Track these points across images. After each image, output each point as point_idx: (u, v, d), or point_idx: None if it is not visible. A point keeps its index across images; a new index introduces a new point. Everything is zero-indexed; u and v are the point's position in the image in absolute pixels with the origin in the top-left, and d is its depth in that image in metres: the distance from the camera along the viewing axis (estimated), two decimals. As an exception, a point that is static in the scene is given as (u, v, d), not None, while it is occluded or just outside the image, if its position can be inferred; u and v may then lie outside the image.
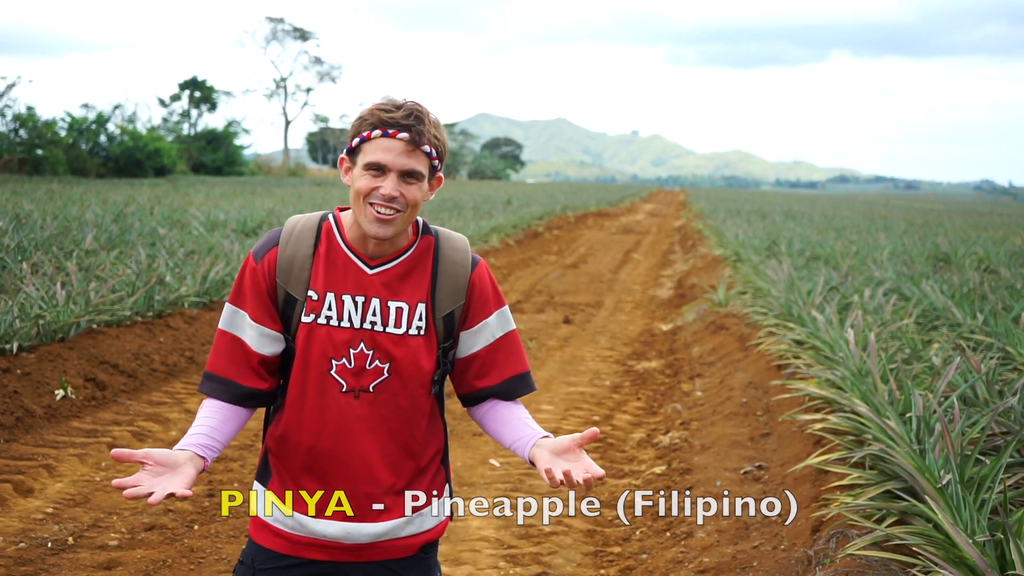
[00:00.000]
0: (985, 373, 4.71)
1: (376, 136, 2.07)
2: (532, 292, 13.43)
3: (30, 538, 4.30)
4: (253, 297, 2.16)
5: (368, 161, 2.08)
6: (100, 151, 46.27)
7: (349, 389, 2.13)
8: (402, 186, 2.08)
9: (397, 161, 2.07)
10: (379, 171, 2.08)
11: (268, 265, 2.17)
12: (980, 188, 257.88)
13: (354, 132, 2.13)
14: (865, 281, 9.61)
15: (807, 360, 6.13)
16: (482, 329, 2.24)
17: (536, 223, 24.48)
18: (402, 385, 2.16)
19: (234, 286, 2.20)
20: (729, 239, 17.15)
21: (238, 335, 2.17)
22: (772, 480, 4.91)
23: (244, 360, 2.16)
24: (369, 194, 2.08)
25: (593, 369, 8.55)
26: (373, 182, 2.08)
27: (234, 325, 2.18)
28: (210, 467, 5.40)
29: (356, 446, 2.15)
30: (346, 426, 2.14)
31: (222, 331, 2.18)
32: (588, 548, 4.53)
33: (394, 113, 2.07)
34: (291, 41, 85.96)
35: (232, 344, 2.17)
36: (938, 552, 3.03)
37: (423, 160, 2.10)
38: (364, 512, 2.17)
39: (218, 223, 15.67)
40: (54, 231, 11.91)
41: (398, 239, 2.18)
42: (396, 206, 2.08)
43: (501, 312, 2.27)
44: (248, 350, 2.16)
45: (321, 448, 2.15)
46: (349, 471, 2.15)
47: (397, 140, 2.07)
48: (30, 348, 6.64)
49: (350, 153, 2.15)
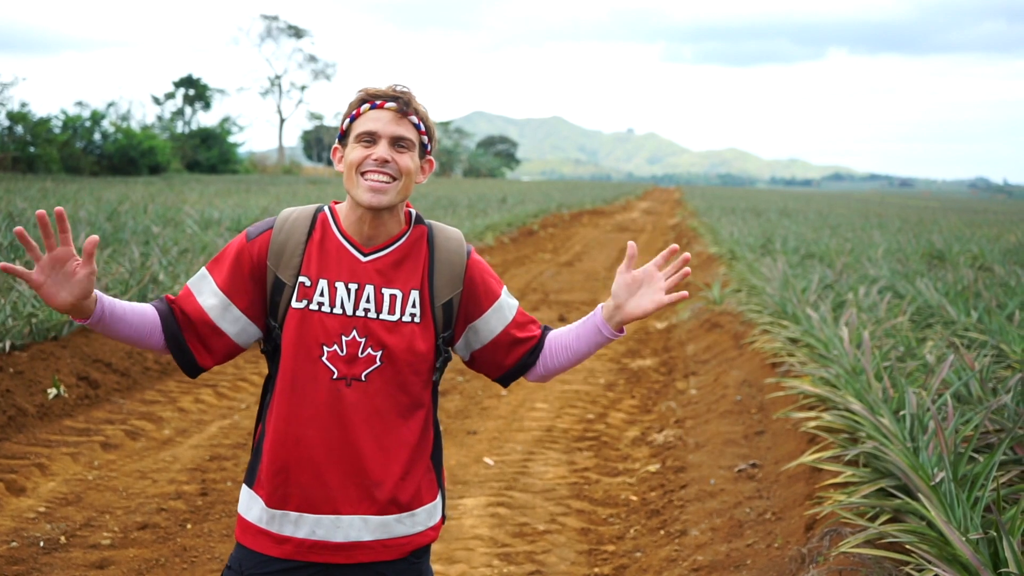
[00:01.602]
0: (979, 371, 4.71)
1: (365, 110, 2.15)
2: (527, 290, 13.43)
3: (22, 537, 4.29)
4: (231, 270, 2.17)
5: (359, 132, 2.14)
6: (94, 149, 46.16)
7: (340, 376, 2.13)
8: (394, 152, 2.13)
9: (387, 128, 2.13)
10: (370, 140, 2.14)
11: (259, 246, 2.18)
12: (975, 186, 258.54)
13: (342, 118, 2.20)
14: (859, 279, 9.62)
15: (801, 358, 6.14)
16: (497, 310, 2.28)
17: (531, 221, 24.48)
18: (395, 374, 2.16)
19: (217, 255, 2.21)
20: (724, 237, 17.17)
21: (196, 296, 2.17)
22: (766, 478, 4.91)
23: (192, 316, 2.15)
24: (361, 163, 2.13)
25: (587, 367, 8.55)
26: (365, 151, 2.13)
27: (197, 288, 2.18)
28: (204, 466, 5.40)
29: (347, 436, 2.13)
30: (337, 415, 2.13)
31: (187, 287, 2.19)
32: (582, 546, 4.52)
33: (377, 89, 2.17)
34: (286, 39, 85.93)
35: (187, 297, 2.18)
36: (931, 550, 3.03)
37: (411, 129, 2.16)
38: (354, 506, 2.15)
39: (212, 221, 15.64)
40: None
41: (391, 226, 2.20)
42: (389, 171, 2.12)
43: (505, 291, 2.33)
44: (197, 307, 2.15)
45: (311, 438, 2.13)
46: (340, 463, 2.14)
47: (385, 109, 2.14)
48: (23, 347, 6.62)
49: (341, 140, 2.20)
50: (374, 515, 2.16)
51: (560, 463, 5.74)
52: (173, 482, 5.14)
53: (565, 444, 6.15)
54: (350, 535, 2.16)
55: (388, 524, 2.18)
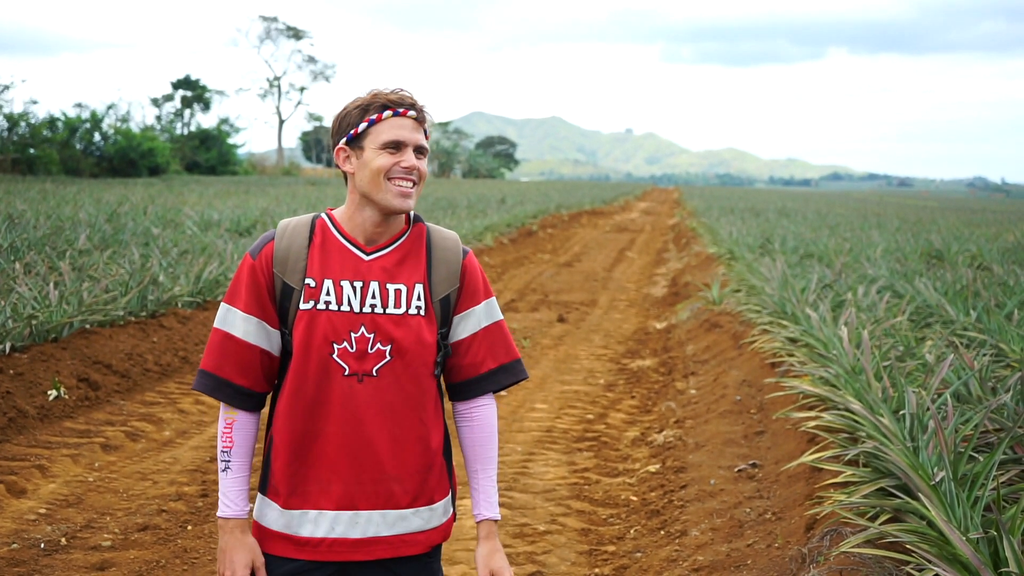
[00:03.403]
0: (978, 370, 4.72)
1: (387, 116, 2.18)
2: (526, 291, 13.43)
3: (23, 539, 4.29)
4: (248, 292, 2.21)
5: (386, 140, 2.18)
6: (94, 150, 46.16)
7: (352, 373, 2.17)
8: (417, 160, 2.21)
9: (412, 137, 2.20)
10: (396, 148, 2.18)
11: (265, 259, 2.22)
12: (973, 185, 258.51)
13: (356, 120, 2.20)
14: (858, 279, 9.62)
15: (801, 358, 6.14)
16: (469, 316, 2.30)
17: (530, 222, 24.48)
18: (405, 367, 2.19)
19: (230, 285, 2.25)
20: (723, 237, 17.17)
21: (229, 331, 2.21)
22: (766, 478, 4.91)
23: (236, 357, 2.20)
24: (390, 169, 2.17)
25: (587, 367, 8.55)
26: (393, 158, 2.18)
27: (226, 322, 2.23)
28: (205, 468, 5.40)
29: (362, 432, 2.17)
30: (351, 411, 2.16)
31: (215, 329, 2.24)
32: (582, 547, 4.53)
33: (394, 95, 2.21)
34: (285, 40, 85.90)
35: (224, 341, 2.22)
36: (932, 549, 3.04)
37: (425, 138, 2.25)
38: (371, 501, 2.18)
39: (212, 223, 15.64)
40: (47, 231, 11.88)
41: (395, 226, 2.25)
42: (413, 178, 2.20)
43: (488, 303, 2.33)
44: (240, 344, 2.20)
45: (327, 435, 2.17)
46: (356, 458, 2.17)
47: (407, 118, 2.20)
48: (23, 348, 6.62)
49: (352, 141, 2.21)
50: (391, 509, 2.20)
51: (560, 464, 5.75)
52: (173, 483, 5.14)
53: (565, 445, 6.15)
54: (368, 531, 2.19)
55: (406, 518, 2.22)
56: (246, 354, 2.20)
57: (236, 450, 2.22)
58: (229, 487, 2.21)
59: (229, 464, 2.22)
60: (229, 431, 2.23)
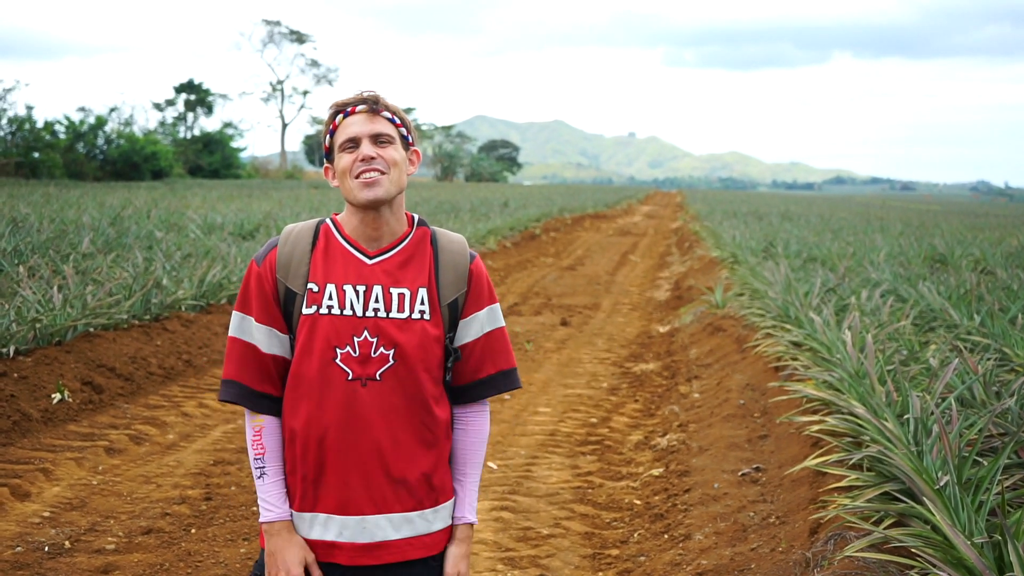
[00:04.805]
0: (982, 374, 4.71)
1: (340, 120, 2.25)
2: (529, 294, 13.43)
3: (27, 542, 4.29)
4: (258, 300, 2.23)
5: (342, 141, 2.23)
6: (97, 154, 46.20)
7: (355, 377, 2.17)
8: (377, 148, 2.21)
9: (364, 128, 2.22)
10: (353, 144, 2.22)
11: (269, 265, 2.24)
12: (976, 189, 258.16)
13: (324, 136, 2.30)
14: (862, 282, 9.62)
15: (804, 362, 6.13)
16: (473, 321, 2.31)
17: (533, 225, 24.50)
18: (408, 372, 2.19)
19: (240, 293, 2.28)
20: (726, 241, 17.16)
21: (248, 340, 2.24)
22: (770, 482, 4.91)
23: (256, 364, 2.23)
24: (351, 167, 2.20)
25: (590, 371, 8.55)
26: (351, 155, 2.21)
27: (243, 331, 2.25)
28: (208, 471, 5.40)
29: (367, 435, 2.17)
30: (356, 415, 2.17)
31: (233, 338, 2.26)
32: (586, 551, 4.52)
33: (348, 98, 2.27)
34: (288, 44, 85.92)
35: (244, 349, 2.24)
36: (936, 554, 3.03)
37: (387, 125, 2.24)
38: (377, 505, 2.19)
39: (215, 226, 15.65)
40: (51, 234, 11.90)
41: (393, 226, 2.26)
42: (378, 166, 2.19)
43: (492, 308, 2.34)
44: (259, 353, 2.22)
45: (332, 440, 2.17)
46: (361, 463, 2.18)
47: (357, 114, 2.24)
48: (27, 352, 6.63)
49: (328, 157, 2.29)
50: (397, 513, 2.21)
51: (563, 467, 5.74)
52: (177, 487, 5.15)
53: (568, 448, 6.15)
54: (376, 535, 2.20)
55: (412, 521, 2.22)
56: (265, 361, 2.22)
57: (269, 455, 2.23)
58: (268, 492, 2.22)
59: (264, 470, 2.22)
60: (259, 438, 2.23)
